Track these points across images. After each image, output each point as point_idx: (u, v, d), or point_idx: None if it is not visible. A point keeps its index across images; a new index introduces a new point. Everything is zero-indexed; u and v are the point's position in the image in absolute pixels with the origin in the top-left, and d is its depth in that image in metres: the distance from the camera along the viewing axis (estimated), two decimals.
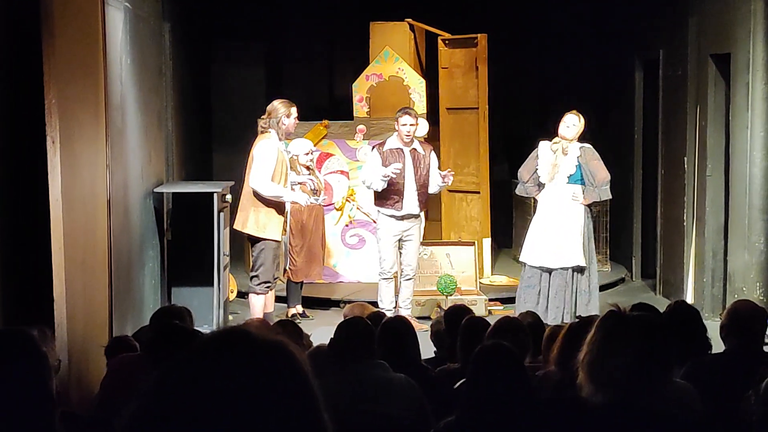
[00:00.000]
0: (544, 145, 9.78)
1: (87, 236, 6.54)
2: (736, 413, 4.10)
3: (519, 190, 10.17)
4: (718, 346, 5.51)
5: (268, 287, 9.42)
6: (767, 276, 9.45)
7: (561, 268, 9.57)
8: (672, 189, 11.22)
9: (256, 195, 9.21)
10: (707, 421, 4.35)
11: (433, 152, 10.15)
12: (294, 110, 9.40)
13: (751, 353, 5.08)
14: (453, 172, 10.12)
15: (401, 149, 9.84)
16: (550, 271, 9.62)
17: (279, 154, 9.25)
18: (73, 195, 6.07)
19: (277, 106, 9.37)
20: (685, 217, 10.85)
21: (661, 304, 9.02)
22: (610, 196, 9.99)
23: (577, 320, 5.04)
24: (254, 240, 9.35)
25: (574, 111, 9.71)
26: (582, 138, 9.76)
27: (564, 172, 9.60)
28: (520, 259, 10.02)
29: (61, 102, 5.78)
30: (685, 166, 10.77)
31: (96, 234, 6.81)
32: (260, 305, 9.45)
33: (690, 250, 10.77)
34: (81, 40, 6.60)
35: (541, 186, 9.78)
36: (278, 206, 9.30)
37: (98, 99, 6.91)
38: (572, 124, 9.61)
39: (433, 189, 10.05)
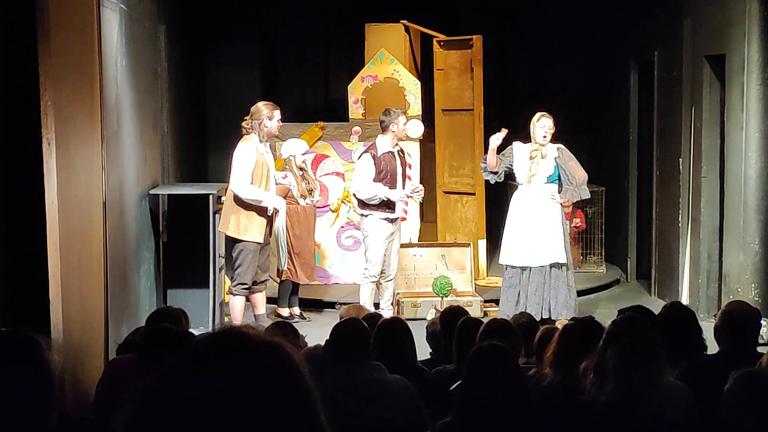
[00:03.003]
0: (519, 148, 9.76)
1: (83, 238, 6.54)
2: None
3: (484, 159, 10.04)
4: (713, 346, 5.53)
5: (245, 289, 9.41)
6: (762, 277, 9.46)
7: (540, 266, 9.60)
8: (667, 190, 11.24)
9: (237, 198, 9.22)
10: (701, 420, 4.36)
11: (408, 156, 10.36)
12: (277, 113, 9.36)
13: (745, 354, 5.09)
14: (421, 191, 10.22)
15: (392, 152, 9.86)
16: (529, 269, 9.64)
17: (259, 156, 9.23)
18: (68, 197, 6.07)
19: (261, 107, 9.36)
20: (680, 218, 10.86)
21: (657, 305, 9.04)
22: (589, 195, 10.05)
23: (571, 321, 5.04)
24: (234, 241, 9.36)
25: (546, 114, 9.70)
26: (566, 137, 9.80)
27: (543, 173, 9.63)
28: (501, 262, 9.92)
29: (57, 104, 5.78)
30: (680, 167, 10.78)
31: (92, 236, 6.81)
32: (240, 306, 9.45)
33: (685, 251, 10.78)
34: (76, 42, 6.60)
35: (500, 178, 9.79)
36: (259, 209, 9.27)
37: (94, 101, 6.91)
38: (549, 128, 9.63)
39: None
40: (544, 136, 9.61)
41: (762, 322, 7.24)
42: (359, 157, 10.12)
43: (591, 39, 13.62)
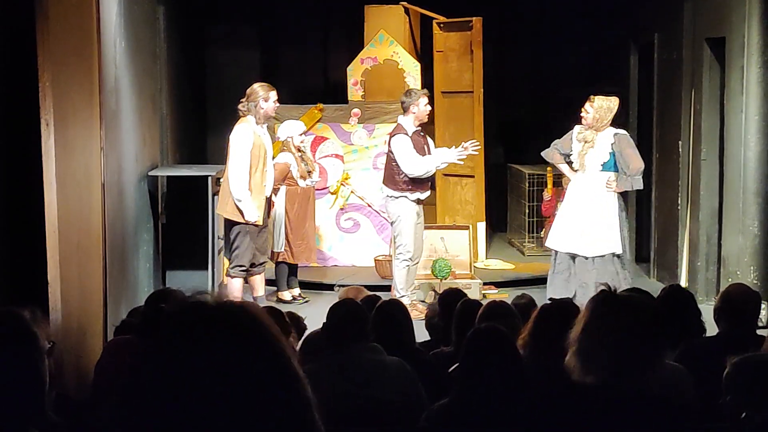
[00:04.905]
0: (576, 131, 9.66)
1: (81, 219, 6.54)
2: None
3: (545, 154, 9.97)
4: (712, 329, 5.54)
5: (243, 271, 9.40)
6: (761, 259, 9.46)
7: (590, 257, 9.51)
8: (666, 173, 11.23)
9: None
10: (700, 403, 4.36)
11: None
12: (273, 94, 9.36)
13: (744, 336, 5.10)
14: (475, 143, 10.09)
15: (417, 131, 9.83)
16: (583, 258, 9.56)
17: (256, 138, 9.22)
18: (67, 178, 6.07)
19: (256, 89, 9.35)
20: (679, 201, 10.86)
21: (655, 287, 9.04)
22: (642, 186, 9.90)
23: (549, 302, 5.02)
24: (232, 223, 9.34)
25: (591, 97, 9.55)
26: (565, 119, 9.71)
27: (596, 161, 9.50)
28: (548, 245, 9.91)
29: (56, 85, 5.77)
30: (680, 149, 10.77)
31: (90, 217, 6.81)
32: (238, 288, 9.45)
33: (684, 234, 10.78)
34: (75, 23, 6.58)
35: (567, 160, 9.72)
36: (257, 191, 9.26)
37: (92, 82, 6.90)
38: (585, 111, 9.48)
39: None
40: (582, 116, 9.49)
41: (762, 305, 7.24)
42: (390, 139, 9.91)
43: (591, 21, 13.57)
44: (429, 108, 9.87)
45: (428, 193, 9.99)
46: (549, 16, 14.22)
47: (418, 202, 9.89)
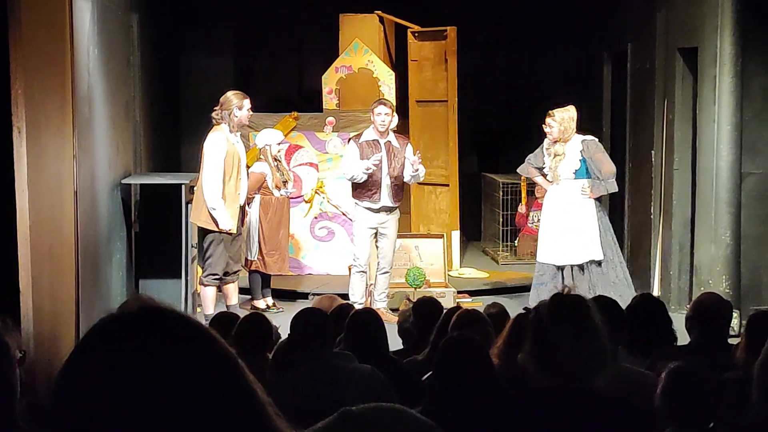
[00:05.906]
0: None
1: (53, 227, 6.50)
2: None
3: (521, 170, 10.15)
4: (684, 338, 5.57)
5: (216, 279, 9.39)
6: (733, 269, 9.51)
7: (578, 264, 9.55)
8: (639, 182, 11.28)
9: None
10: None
11: (409, 145, 10.15)
12: (247, 102, 9.36)
13: (716, 345, 5.13)
14: (419, 158, 10.02)
15: (377, 141, 9.84)
16: (562, 267, 9.60)
17: (229, 147, 9.22)
18: (39, 186, 6.03)
19: (230, 97, 9.36)
20: (652, 211, 10.91)
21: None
22: (617, 189, 9.96)
23: (523, 311, 5.03)
24: (205, 231, 9.33)
25: (549, 112, 9.66)
26: (538, 128, 9.80)
27: (568, 169, 9.57)
28: (539, 259, 9.88)
29: (28, 92, 5.74)
30: (653, 159, 10.82)
31: (63, 225, 6.77)
32: (210, 296, 9.44)
33: (657, 243, 10.83)
34: (48, 30, 6.56)
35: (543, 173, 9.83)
36: (231, 199, 9.24)
37: (65, 89, 6.86)
38: (549, 126, 9.61)
39: (406, 179, 10.03)
40: (547, 132, 9.62)
41: (733, 314, 7.28)
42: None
43: (564, 30, 13.64)
44: (384, 118, 9.79)
45: (380, 204, 9.89)
46: (523, 26, 14.27)
47: (372, 210, 9.90)
